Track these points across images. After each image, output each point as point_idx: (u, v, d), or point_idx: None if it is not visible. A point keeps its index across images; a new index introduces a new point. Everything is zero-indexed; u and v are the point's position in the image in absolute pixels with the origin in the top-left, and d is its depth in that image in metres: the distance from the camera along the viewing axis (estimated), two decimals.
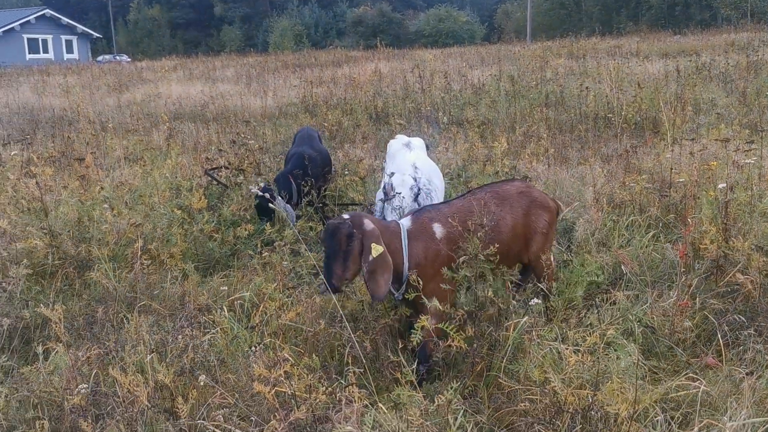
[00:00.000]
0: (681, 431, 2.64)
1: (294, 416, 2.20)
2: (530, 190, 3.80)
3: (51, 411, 2.97)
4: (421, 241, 3.32)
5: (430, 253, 3.30)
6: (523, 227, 3.65)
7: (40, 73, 25.18)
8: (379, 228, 3.21)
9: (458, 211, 3.44)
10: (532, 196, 3.75)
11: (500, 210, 3.53)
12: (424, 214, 3.47)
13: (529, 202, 3.70)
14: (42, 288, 4.45)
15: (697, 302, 3.68)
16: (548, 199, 3.85)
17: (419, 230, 3.36)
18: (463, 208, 3.47)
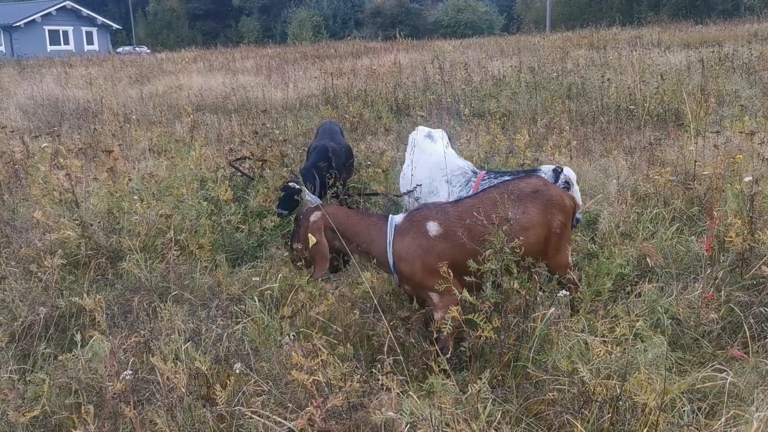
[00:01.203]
0: (708, 422, 2.68)
1: (331, 403, 2.28)
2: (546, 189, 3.69)
3: (90, 397, 3.08)
4: (408, 237, 3.44)
5: (419, 249, 3.39)
6: (540, 227, 3.56)
7: (62, 64, 25.44)
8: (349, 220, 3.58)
9: (465, 210, 3.48)
10: (548, 194, 3.64)
11: (514, 210, 3.46)
12: (420, 212, 3.55)
13: (545, 201, 3.61)
14: (75, 278, 4.56)
15: (722, 295, 3.70)
16: (565, 197, 3.74)
17: (409, 227, 3.47)
18: (470, 208, 3.47)
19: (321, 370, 2.45)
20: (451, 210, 3.49)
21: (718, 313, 3.55)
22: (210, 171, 6.79)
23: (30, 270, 4.41)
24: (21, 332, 3.85)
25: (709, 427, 2.61)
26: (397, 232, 3.45)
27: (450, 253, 3.35)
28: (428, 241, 3.40)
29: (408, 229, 3.45)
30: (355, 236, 3.54)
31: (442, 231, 3.40)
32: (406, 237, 3.43)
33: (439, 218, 3.45)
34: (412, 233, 3.42)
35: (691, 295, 3.64)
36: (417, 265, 3.35)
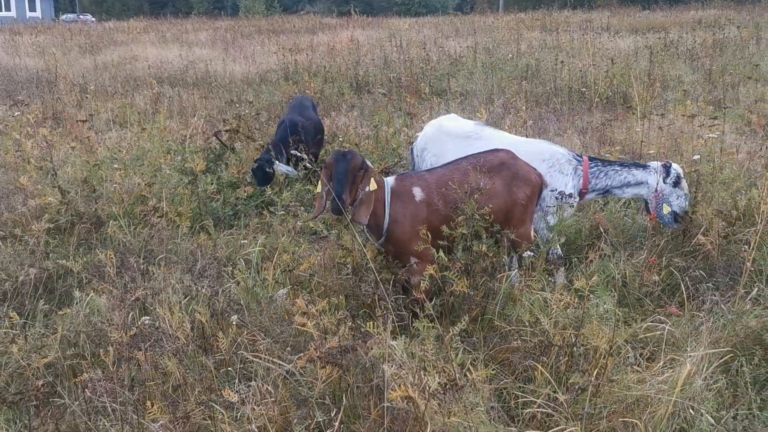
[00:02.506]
0: (648, 364, 3.09)
1: (328, 345, 2.58)
2: (514, 162, 3.92)
3: (92, 348, 3.31)
4: (401, 201, 3.69)
5: (408, 212, 3.67)
6: (504, 198, 3.80)
7: (9, 32, 24.66)
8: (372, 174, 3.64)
9: (440, 178, 3.77)
10: (515, 168, 3.88)
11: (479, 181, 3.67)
12: (407, 179, 3.82)
13: (512, 174, 3.85)
14: (60, 242, 4.73)
15: (663, 261, 4.13)
16: (532, 172, 3.96)
17: (401, 191, 3.71)
18: (444, 176, 3.76)
19: (318, 317, 2.75)
20: (429, 178, 3.79)
21: (659, 276, 3.99)
22: (177, 143, 6.95)
23: (15, 234, 4.57)
24: (13, 291, 4.03)
25: (650, 369, 3.02)
26: (392, 194, 3.69)
27: (429, 218, 3.64)
28: (415, 206, 3.68)
29: (400, 193, 3.70)
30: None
31: (424, 197, 3.69)
32: (399, 201, 3.67)
33: (421, 184, 3.72)
34: (404, 197, 3.68)
35: (635, 260, 4.06)
36: (407, 228, 3.61)
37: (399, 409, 2.46)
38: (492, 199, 3.72)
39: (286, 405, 2.65)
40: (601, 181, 4.44)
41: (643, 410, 2.78)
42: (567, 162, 4.41)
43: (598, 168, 4.45)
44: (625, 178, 4.45)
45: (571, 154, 4.50)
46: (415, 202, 3.69)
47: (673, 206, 4.40)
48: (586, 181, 4.40)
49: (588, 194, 4.47)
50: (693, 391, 2.87)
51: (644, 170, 4.46)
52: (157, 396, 2.83)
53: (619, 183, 4.46)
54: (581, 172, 4.40)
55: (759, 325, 3.29)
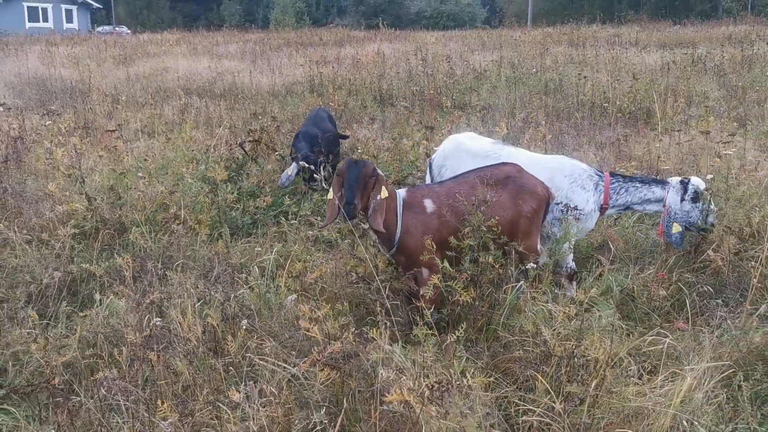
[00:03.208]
0: (649, 377, 3.13)
1: (331, 349, 2.67)
2: (520, 176, 3.99)
3: (110, 348, 3.45)
4: (413, 212, 3.78)
5: (419, 224, 3.75)
6: (510, 210, 3.87)
7: (46, 43, 25.35)
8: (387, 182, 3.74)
9: (449, 191, 3.86)
10: (521, 181, 3.96)
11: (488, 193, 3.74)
12: (419, 190, 3.92)
13: (518, 187, 3.93)
14: (84, 247, 4.90)
15: (673, 276, 4.16)
16: (539, 185, 4.02)
17: (413, 203, 3.82)
18: (453, 189, 3.85)
19: (323, 323, 2.84)
20: (439, 190, 3.88)
21: (668, 291, 4.01)
22: (201, 153, 7.13)
23: (42, 239, 4.75)
24: (37, 293, 4.19)
25: (651, 382, 3.05)
26: (404, 205, 3.79)
27: (440, 229, 3.73)
28: (426, 217, 3.77)
29: (412, 204, 3.80)
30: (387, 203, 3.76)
31: (435, 208, 3.78)
32: (411, 212, 3.77)
33: (432, 196, 3.83)
34: (416, 209, 3.78)
35: (644, 275, 4.09)
36: (418, 240, 3.68)
37: (395, 413, 2.54)
38: (498, 211, 3.79)
39: (289, 407, 2.74)
40: (621, 197, 4.47)
41: (641, 422, 2.81)
42: (588, 178, 4.44)
43: (618, 184, 4.47)
44: (644, 194, 4.47)
45: (592, 169, 4.53)
46: (426, 213, 3.79)
47: (692, 220, 4.40)
48: (607, 197, 4.43)
49: (609, 209, 4.50)
50: (693, 404, 2.90)
51: (663, 187, 4.48)
52: (168, 395, 2.94)
53: (639, 199, 4.48)
54: (602, 187, 4.43)
55: (763, 341, 3.30)
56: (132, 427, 2.84)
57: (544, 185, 4.11)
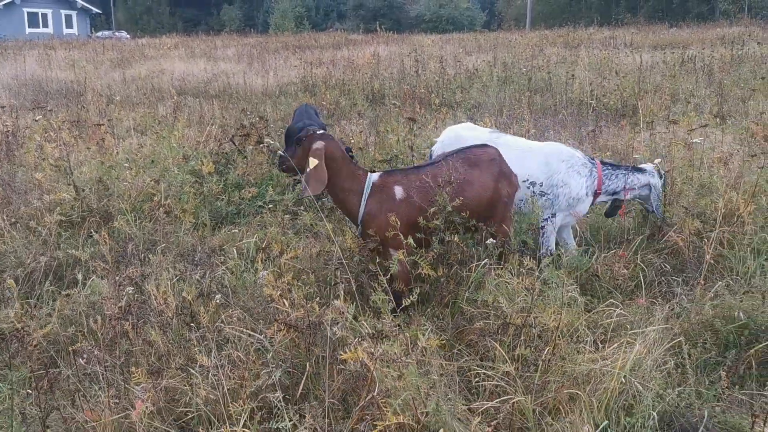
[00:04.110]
0: (602, 345, 3.28)
1: (294, 315, 2.82)
2: (501, 159, 4.09)
3: (89, 324, 3.59)
4: (379, 197, 3.85)
5: (385, 208, 3.80)
6: (491, 191, 3.98)
7: (44, 47, 25.58)
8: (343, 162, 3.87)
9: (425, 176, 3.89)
10: (502, 166, 4.07)
11: (469, 174, 3.92)
12: (392, 176, 3.96)
13: (499, 170, 4.03)
14: (70, 235, 5.06)
15: (638, 257, 4.31)
16: (513, 174, 4.15)
17: (382, 187, 3.88)
18: (431, 172, 3.90)
19: (288, 294, 3.00)
20: (413, 176, 3.93)
21: (631, 272, 4.16)
22: (192, 149, 7.29)
23: (30, 226, 4.91)
24: (24, 277, 4.35)
25: (602, 350, 3.20)
26: (372, 189, 3.88)
27: (408, 215, 3.80)
28: (393, 204, 3.84)
29: (380, 189, 3.87)
30: (340, 178, 3.86)
31: (404, 195, 3.86)
32: (377, 196, 3.85)
33: (403, 183, 3.89)
34: (384, 194, 3.85)
35: (607, 254, 4.24)
36: (381, 225, 3.76)
37: (353, 372, 2.69)
38: (479, 190, 3.94)
39: (257, 372, 2.88)
40: (612, 183, 4.64)
41: (593, 385, 2.96)
42: (583, 165, 4.59)
43: (609, 171, 4.65)
44: (631, 180, 4.66)
45: (586, 157, 4.68)
46: (394, 200, 3.85)
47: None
48: (600, 183, 4.60)
49: (601, 196, 4.67)
50: (642, 370, 3.05)
51: (643, 173, 4.67)
52: (143, 364, 3.09)
53: (628, 185, 4.66)
54: (596, 174, 4.60)
55: (713, 313, 3.45)
56: (108, 394, 2.99)
57: (516, 175, 4.23)
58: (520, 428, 2.88)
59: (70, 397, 3.09)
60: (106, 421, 2.83)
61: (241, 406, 2.68)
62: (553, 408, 2.95)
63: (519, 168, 4.49)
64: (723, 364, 3.24)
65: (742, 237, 4.43)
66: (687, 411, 2.98)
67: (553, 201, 4.54)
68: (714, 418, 2.93)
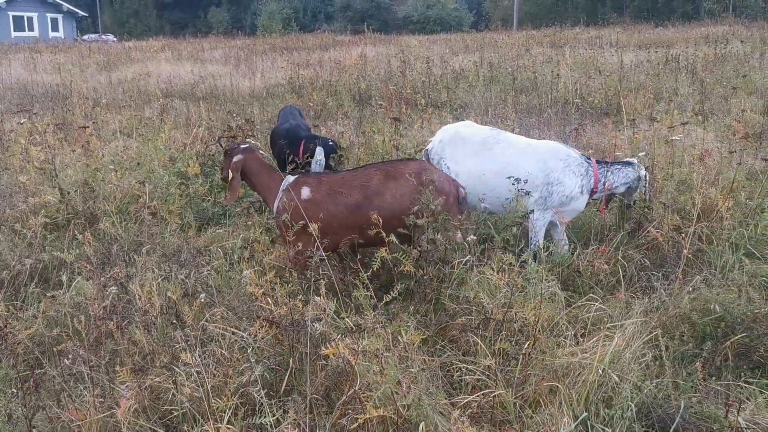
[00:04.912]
0: (582, 339, 3.33)
1: (277, 312, 2.86)
2: (424, 173, 4.08)
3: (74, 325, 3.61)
4: (288, 195, 4.12)
5: (291, 205, 4.00)
6: (408, 204, 3.95)
7: (29, 50, 25.45)
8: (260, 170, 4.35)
9: (339, 180, 4.13)
10: (425, 178, 4.04)
11: (382, 186, 4.06)
12: (303, 178, 4.25)
13: (419, 183, 4.02)
14: (56, 237, 5.07)
15: (619, 253, 4.37)
16: (445, 183, 4.16)
17: (293, 188, 4.16)
18: (345, 179, 4.14)
19: (270, 290, 3.04)
20: (324, 180, 4.19)
21: (612, 267, 4.23)
22: (178, 151, 7.30)
23: (15, 229, 4.91)
24: (9, 280, 4.36)
25: (582, 344, 3.25)
26: (285, 190, 4.16)
27: (314, 215, 3.95)
28: (299, 203, 4.03)
29: (291, 189, 4.15)
30: (259, 184, 4.36)
31: (309, 196, 4.09)
32: (287, 195, 4.13)
33: (311, 185, 4.15)
34: (293, 193, 4.12)
35: (588, 250, 4.30)
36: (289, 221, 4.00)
37: (335, 367, 2.73)
38: (390, 201, 4.04)
39: (241, 369, 2.92)
40: (608, 180, 4.72)
41: (572, 378, 3.01)
42: (579, 165, 4.67)
43: (604, 169, 4.74)
44: (625, 175, 4.76)
45: (582, 156, 4.76)
46: (300, 199, 4.06)
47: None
48: (597, 181, 4.68)
49: (597, 194, 4.75)
50: (621, 363, 3.11)
51: (633, 167, 4.77)
52: (128, 363, 3.12)
53: (620, 181, 4.76)
54: (591, 173, 4.68)
55: (690, 306, 3.51)
56: (93, 394, 3.01)
57: (452, 182, 4.27)
58: (501, 421, 2.93)
59: (56, 397, 3.11)
60: (92, 420, 2.85)
61: (225, 403, 2.71)
62: (533, 401, 3.00)
63: (517, 165, 4.63)
64: (700, 356, 3.30)
65: (721, 232, 4.51)
66: (664, 402, 3.03)
67: (547, 198, 4.61)
68: (690, 408, 2.99)
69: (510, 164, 4.67)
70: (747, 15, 34.69)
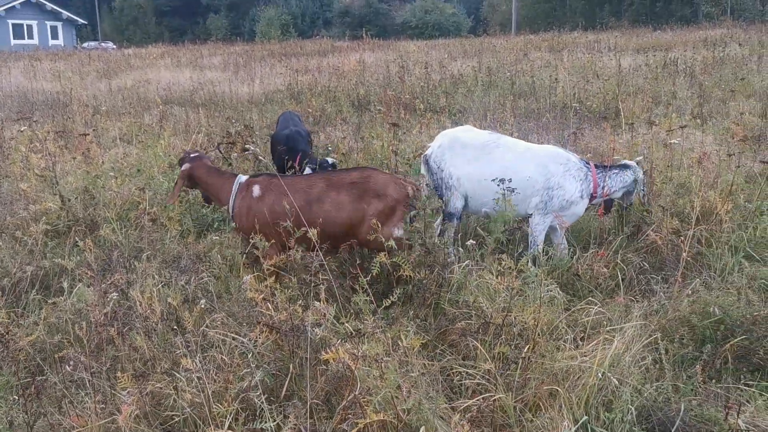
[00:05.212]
0: (582, 342, 3.34)
1: (277, 317, 2.87)
2: (366, 181, 4.20)
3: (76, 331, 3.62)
4: (242, 195, 4.34)
5: (245, 204, 4.28)
6: (349, 212, 4.15)
7: (29, 58, 25.50)
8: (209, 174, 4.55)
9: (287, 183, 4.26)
10: (366, 186, 4.18)
11: (323, 194, 4.20)
12: (255, 177, 4.42)
13: (361, 191, 4.16)
14: (57, 244, 5.08)
15: (618, 256, 4.39)
16: (390, 188, 4.19)
17: (245, 186, 4.37)
18: (291, 183, 4.28)
19: (269, 295, 3.05)
20: (275, 181, 4.32)
21: (612, 271, 4.24)
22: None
23: (16, 236, 4.92)
24: (10, 287, 4.36)
25: (581, 347, 3.26)
26: (239, 189, 4.33)
27: (263, 212, 4.16)
28: (250, 201, 4.28)
29: (244, 188, 4.34)
30: (211, 187, 4.54)
31: (260, 194, 4.27)
32: (240, 195, 4.32)
33: (261, 184, 4.31)
34: (244, 192, 4.32)
35: (587, 254, 4.31)
36: (243, 218, 4.25)
37: (335, 372, 2.74)
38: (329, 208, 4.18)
39: (241, 375, 2.93)
40: (607, 184, 4.75)
41: (572, 382, 3.02)
42: (578, 169, 4.70)
43: (603, 173, 4.76)
44: (622, 179, 4.78)
45: (582, 161, 4.78)
46: (252, 197, 4.30)
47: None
48: (596, 186, 4.70)
49: (596, 198, 4.77)
50: (621, 366, 3.11)
51: (630, 170, 4.80)
52: (129, 369, 3.13)
53: (618, 185, 4.79)
54: (591, 178, 4.71)
55: (690, 309, 3.52)
56: (94, 400, 3.02)
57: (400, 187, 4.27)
58: (502, 425, 2.93)
59: (57, 404, 3.12)
60: (93, 426, 2.86)
61: (225, 408, 2.72)
62: (533, 405, 3.01)
63: (517, 169, 4.65)
64: (700, 358, 3.31)
65: (720, 235, 4.52)
66: (664, 405, 3.04)
67: (547, 202, 4.62)
68: (690, 411, 2.99)
69: (510, 169, 4.67)
70: (745, 18, 34.77)
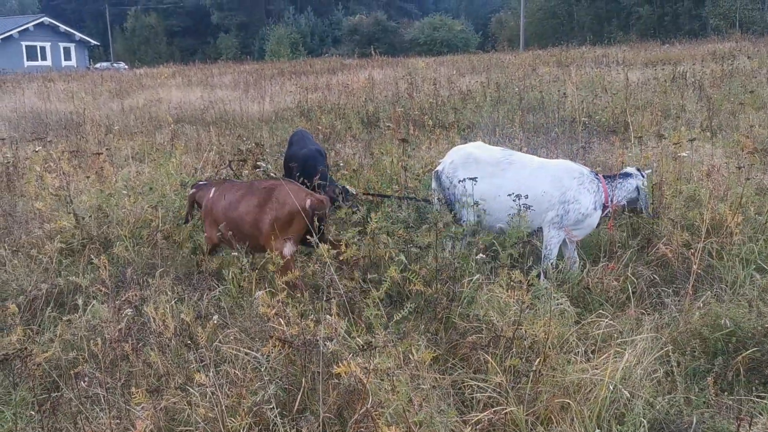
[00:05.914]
0: (593, 355, 3.34)
1: (289, 332, 2.90)
2: (274, 190, 4.52)
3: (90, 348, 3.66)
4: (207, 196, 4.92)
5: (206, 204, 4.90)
6: (254, 216, 4.53)
7: (42, 79, 25.84)
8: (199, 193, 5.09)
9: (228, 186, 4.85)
10: (271, 194, 4.51)
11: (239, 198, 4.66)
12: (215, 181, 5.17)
13: (266, 198, 4.51)
14: (71, 262, 5.14)
15: (629, 269, 4.39)
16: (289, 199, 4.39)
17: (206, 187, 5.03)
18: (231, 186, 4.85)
19: (281, 310, 3.08)
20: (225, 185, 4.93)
21: (622, 284, 4.24)
22: (189, 175, 7.40)
23: (31, 255, 4.99)
24: (26, 305, 4.42)
25: (592, 360, 3.27)
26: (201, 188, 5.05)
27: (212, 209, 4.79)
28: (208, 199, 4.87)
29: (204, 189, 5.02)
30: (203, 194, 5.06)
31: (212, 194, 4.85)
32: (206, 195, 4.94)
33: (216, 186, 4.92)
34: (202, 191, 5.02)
35: (597, 267, 4.32)
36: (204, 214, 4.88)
37: (347, 386, 2.76)
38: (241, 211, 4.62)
39: (254, 389, 2.95)
40: (615, 195, 4.79)
41: (583, 395, 3.02)
42: (591, 182, 4.75)
43: (611, 184, 4.82)
44: (627, 187, 4.83)
45: (593, 173, 4.84)
46: (208, 197, 4.91)
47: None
48: (607, 197, 4.75)
49: (607, 209, 4.80)
50: (632, 379, 3.12)
51: (632, 177, 4.85)
52: (143, 384, 3.16)
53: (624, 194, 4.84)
54: (602, 188, 4.76)
55: (701, 322, 3.52)
56: (109, 416, 3.05)
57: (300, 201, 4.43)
58: None
59: (73, 419, 3.14)
60: None
61: (239, 422, 2.74)
62: (545, 418, 3.01)
63: (531, 185, 4.66)
64: (711, 371, 3.30)
65: (730, 247, 4.52)
66: (677, 418, 3.04)
67: (563, 216, 4.66)
68: (703, 423, 2.99)
69: (524, 185, 4.68)
70: (753, 31, 34.76)
